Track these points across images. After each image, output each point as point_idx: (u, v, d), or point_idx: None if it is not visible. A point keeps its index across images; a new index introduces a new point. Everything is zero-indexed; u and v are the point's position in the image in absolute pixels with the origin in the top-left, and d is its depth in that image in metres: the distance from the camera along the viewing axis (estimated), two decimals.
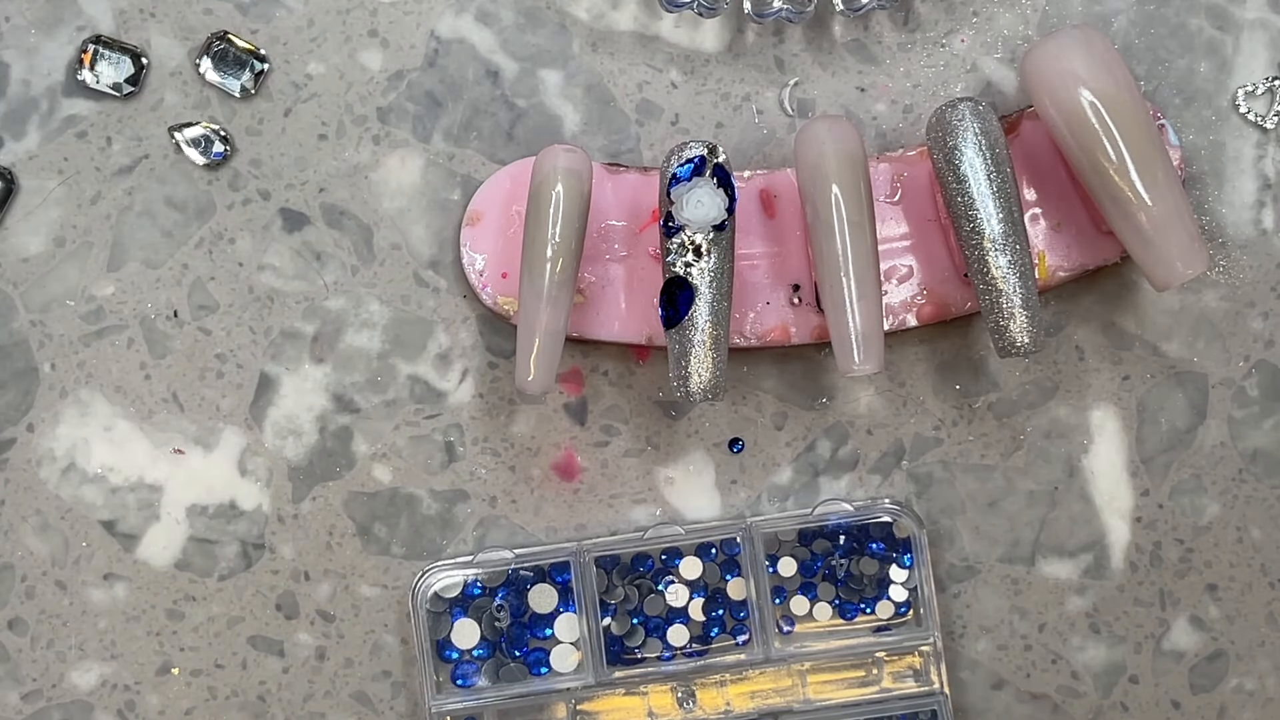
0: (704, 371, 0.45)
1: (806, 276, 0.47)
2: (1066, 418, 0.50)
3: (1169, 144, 0.47)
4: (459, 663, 0.48)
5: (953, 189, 0.44)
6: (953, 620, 0.50)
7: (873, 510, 0.49)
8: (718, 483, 0.50)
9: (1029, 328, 0.44)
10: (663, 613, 0.48)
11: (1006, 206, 0.44)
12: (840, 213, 0.44)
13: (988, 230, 0.44)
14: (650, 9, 0.48)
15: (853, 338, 0.44)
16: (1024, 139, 0.47)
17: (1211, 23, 0.49)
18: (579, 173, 0.43)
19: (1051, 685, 0.50)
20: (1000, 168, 0.44)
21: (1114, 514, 0.50)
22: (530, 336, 0.44)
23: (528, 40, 0.48)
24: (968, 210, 0.44)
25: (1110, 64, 0.44)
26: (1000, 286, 0.44)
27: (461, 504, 0.49)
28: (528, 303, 0.44)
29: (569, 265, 0.43)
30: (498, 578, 0.48)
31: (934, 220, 0.47)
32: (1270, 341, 0.49)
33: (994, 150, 0.44)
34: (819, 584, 0.49)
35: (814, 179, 0.44)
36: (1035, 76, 0.44)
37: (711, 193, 0.44)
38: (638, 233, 0.46)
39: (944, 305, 0.47)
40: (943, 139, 0.44)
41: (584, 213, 0.43)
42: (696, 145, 0.44)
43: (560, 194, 0.43)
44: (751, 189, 0.46)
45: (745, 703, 0.49)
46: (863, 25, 0.49)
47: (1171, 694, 0.50)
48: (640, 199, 0.46)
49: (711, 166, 0.44)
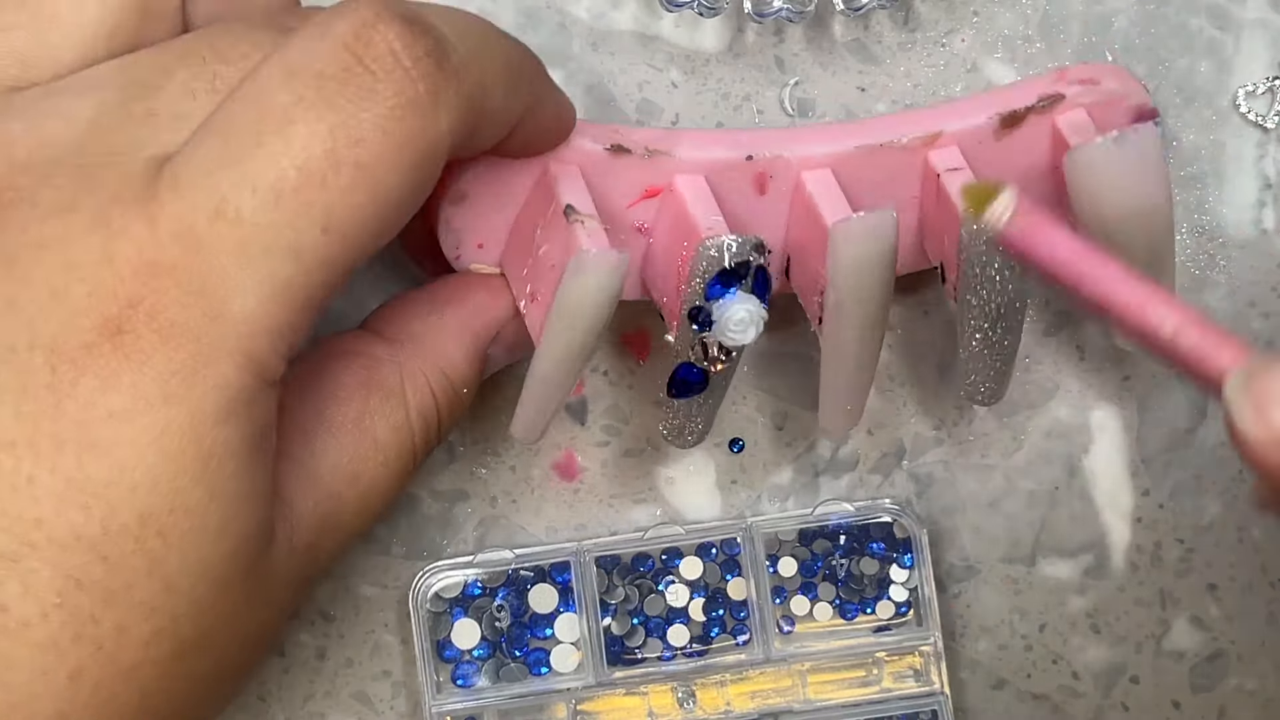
0: (697, 427, 0.46)
1: (779, 245, 0.46)
2: (1066, 418, 0.49)
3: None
4: (459, 663, 0.48)
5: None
6: (953, 620, 0.50)
7: (873, 510, 0.49)
8: (718, 483, 0.50)
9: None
10: (663, 613, 0.48)
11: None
12: (868, 314, 0.44)
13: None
14: (650, 9, 0.48)
15: (841, 409, 0.46)
16: (1023, 133, 0.46)
17: (1212, 22, 0.49)
18: (617, 279, 0.41)
19: (1052, 685, 0.50)
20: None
21: (1114, 514, 0.50)
22: (534, 405, 0.44)
23: (528, 40, 0.48)
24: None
25: (1156, 175, 0.44)
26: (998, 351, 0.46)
27: (461, 504, 0.49)
28: (538, 379, 0.43)
29: (589, 357, 0.43)
30: (498, 578, 0.48)
31: (917, 197, 0.46)
32: (1270, 341, 0.49)
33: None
34: (819, 584, 0.49)
35: (848, 278, 0.43)
36: (1079, 177, 0.44)
37: (754, 311, 0.42)
38: (626, 207, 0.45)
39: (903, 267, 0.47)
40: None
41: (613, 311, 0.42)
42: (738, 251, 0.42)
43: (597, 307, 0.42)
44: (749, 171, 0.46)
45: (745, 703, 0.49)
46: (863, 25, 0.49)
47: (1172, 694, 0.50)
48: (636, 181, 0.45)
49: (754, 271, 0.42)
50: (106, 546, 0.37)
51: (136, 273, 0.37)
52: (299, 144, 0.37)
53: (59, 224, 0.38)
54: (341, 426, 0.42)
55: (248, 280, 0.37)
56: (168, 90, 0.39)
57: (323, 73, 0.38)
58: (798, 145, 0.46)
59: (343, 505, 0.42)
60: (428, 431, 0.44)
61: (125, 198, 0.38)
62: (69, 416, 0.37)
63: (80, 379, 0.37)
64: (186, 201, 0.37)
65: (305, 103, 0.37)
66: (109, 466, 0.37)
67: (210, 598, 0.38)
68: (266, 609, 0.40)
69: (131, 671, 0.38)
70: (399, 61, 0.38)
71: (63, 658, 0.37)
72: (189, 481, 0.37)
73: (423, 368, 0.44)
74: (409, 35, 0.38)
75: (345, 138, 0.37)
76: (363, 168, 0.37)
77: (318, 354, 0.44)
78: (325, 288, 0.38)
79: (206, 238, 0.37)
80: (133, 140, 0.39)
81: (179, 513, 0.37)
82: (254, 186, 0.37)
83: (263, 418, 0.39)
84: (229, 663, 0.40)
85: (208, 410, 0.37)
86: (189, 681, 0.39)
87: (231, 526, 0.38)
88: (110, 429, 0.37)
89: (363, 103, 0.37)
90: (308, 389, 0.43)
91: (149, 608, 0.37)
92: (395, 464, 0.43)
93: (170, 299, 0.37)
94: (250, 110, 0.38)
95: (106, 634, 0.37)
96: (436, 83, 0.38)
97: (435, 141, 0.38)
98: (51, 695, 0.37)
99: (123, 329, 0.37)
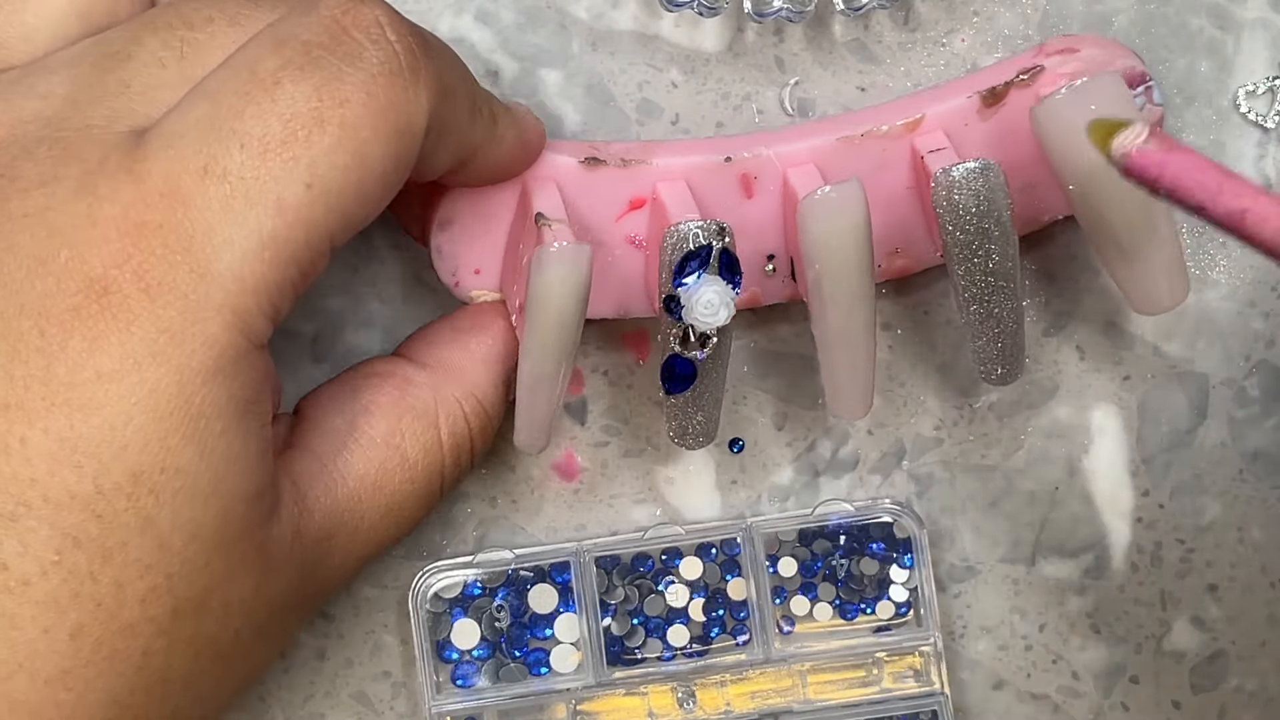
0: (699, 424, 0.46)
1: (781, 248, 0.46)
2: (1067, 418, 0.50)
3: (1152, 103, 0.46)
4: (459, 663, 0.48)
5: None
6: (953, 620, 0.50)
7: (873, 510, 0.49)
8: (718, 483, 0.50)
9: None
10: (663, 613, 0.48)
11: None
12: (849, 288, 0.44)
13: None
14: (650, 9, 0.48)
15: (847, 392, 0.46)
16: (1008, 109, 0.46)
17: (1212, 22, 0.49)
18: (581, 270, 0.42)
19: (1052, 685, 0.50)
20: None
21: (1114, 514, 0.50)
22: (529, 411, 0.44)
23: (528, 40, 0.48)
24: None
25: (1125, 115, 0.44)
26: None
27: (461, 504, 0.49)
28: (527, 384, 0.44)
29: (570, 353, 0.43)
30: (498, 578, 0.48)
31: (913, 188, 0.46)
32: (1271, 341, 0.49)
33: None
34: (819, 584, 0.49)
35: (821, 253, 0.44)
36: (1047, 130, 0.44)
37: (721, 292, 0.43)
38: (614, 221, 0.46)
39: (916, 261, 0.47)
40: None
41: (585, 300, 0.42)
42: (697, 232, 0.43)
43: (562, 299, 0.42)
44: (732, 173, 0.46)
45: (745, 703, 0.49)
46: (863, 25, 0.49)
47: (1172, 694, 0.50)
48: (617, 193, 0.46)
49: (718, 254, 0.43)
50: (100, 505, 0.38)
51: (123, 233, 0.38)
52: (285, 101, 0.38)
53: (41, 195, 0.39)
54: (372, 441, 0.43)
55: (234, 234, 0.38)
56: (138, 59, 0.40)
57: (310, 41, 0.39)
58: (778, 143, 0.46)
59: (361, 509, 0.43)
60: (458, 454, 0.45)
61: (109, 164, 0.38)
62: (59, 378, 0.38)
63: (69, 341, 0.38)
64: (175, 161, 0.38)
65: (293, 65, 0.39)
66: (99, 426, 0.38)
67: (204, 557, 0.39)
68: (268, 582, 0.41)
69: (131, 629, 0.38)
70: (385, 33, 0.39)
71: (63, 615, 0.38)
72: (179, 440, 0.38)
73: (456, 394, 0.45)
74: (393, 15, 0.40)
75: (331, 97, 0.38)
76: (347, 128, 0.39)
77: (352, 374, 0.45)
78: (308, 249, 0.39)
79: (194, 195, 0.38)
80: (109, 112, 0.40)
81: (170, 471, 0.38)
82: (241, 143, 0.38)
83: (252, 382, 0.39)
84: (231, 632, 0.40)
85: (195, 368, 0.38)
86: (190, 646, 0.40)
87: (223, 486, 0.39)
88: (99, 389, 0.38)
89: (349, 66, 0.39)
90: (341, 402, 0.44)
91: (144, 565, 0.38)
92: (423, 482, 0.44)
93: (157, 257, 0.38)
94: (239, 75, 0.39)
95: (105, 591, 0.38)
96: (418, 59, 0.40)
97: (415, 114, 0.40)
98: (54, 652, 0.38)
99: (109, 290, 0.38)
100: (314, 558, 0.42)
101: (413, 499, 0.44)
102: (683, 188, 0.45)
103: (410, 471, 0.44)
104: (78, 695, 0.38)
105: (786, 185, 0.45)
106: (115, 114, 0.40)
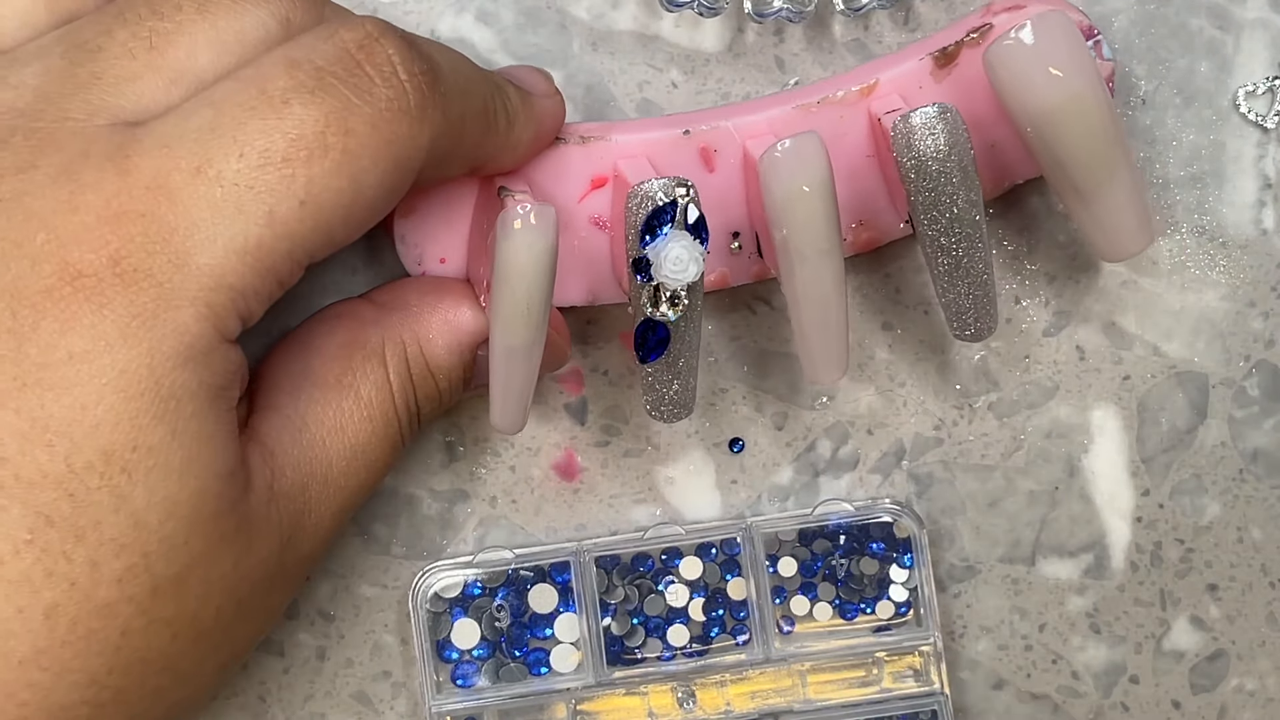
0: (675, 393, 0.46)
1: (745, 224, 0.46)
2: (1066, 418, 0.50)
3: (1102, 59, 0.46)
4: (459, 663, 0.48)
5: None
6: (953, 620, 0.50)
7: (873, 510, 0.49)
8: (718, 483, 0.50)
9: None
10: (663, 613, 0.48)
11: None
12: (815, 244, 0.44)
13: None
14: (650, 9, 0.48)
15: (821, 354, 0.45)
16: (961, 69, 0.46)
17: (1212, 22, 0.49)
18: (548, 233, 0.42)
19: (1052, 685, 0.50)
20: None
21: (1114, 514, 0.50)
22: (503, 387, 0.44)
23: (528, 40, 0.48)
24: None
25: (1075, 56, 0.43)
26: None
27: (461, 504, 0.49)
28: (500, 357, 0.43)
29: (541, 322, 0.43)
30: (498, 578, 0.48)
31: (872, 156, 0.46)
32: (1271, 341, 0.49)
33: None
34: (819, 584, 0.49)
35: (785, 210, 0.43)
36: (1000, 74, 0.44)
37: (689, 247, 0.43)
38: (578, 201, 0.46)
39: (881, 233, 0.47)
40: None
41: (553, 264, 0.42)
42: (661, 189, 0.43)
43: (530, 263, 0.42)
44: (691, 147, 0.46)
45: (745, 703, 0.49)
46: (863, 25, 0.49)
47: (1172, 694, 0.50)
48: (579, 171, 0.46)
49: (684, 210, 0.43)
50: (72, 484, 0.38)
51: (103, 220, 0.38)
52: (293, 121, 0.39)
53: (18, 181, 0.39)
54: (325, 381, 0.44)
55: (219, 234, 0.39)
56: (108, 51, 0.41)
57: (324, 68, 0.40)
58: (735, 115, 0.46)
59: (329, 456, 0.43)
60: (406, 398, 0.44)
61: (94, 154, 0.39)
62: (30, 359, 0.38)
63: (40, 322, 0.38)
64: (167, 159, 0.39)
65: (304, 89, 0.39)
66: (70, 405, 0.38)
67: (181, 535, 0.39)
68: (249, 554, 0.41)
69: (107, 609, 0.39)
70: (396, 72, 0.40)
71: (37, 594, 0.38)
72: (150, 420, 0.38)
73: (403, 335, 0.45)
74: (408, 52, 0.40)
75: (338, 125, 0.39)
76: (349, 154, 0.39)
77: (311, 318, 0.45)
78: (288, 260, 0.40)
79: (182, 191, 0.38)
80: (85, 104, 0.40)
81: (142, 450, 0.38)
82: (241, 152, 0.39)
83: (223, 372, 0.40)
84: (212, 610, 0.40)
85: (166, 352, 0.38)
86: (170, 625, 0.40)
87: (196, 465, 0.39)
88: (70, 369, 0.38)
89: (358, 98, 0.39)
90: (296, 348, 0.44)
91: (119, 544, 0.38)
92: (380, 423, 0.44)
93: (136, 245, 0.38)
94: (247, 91, 0.39)
95: (79, 570, 0.38)
96: (426, 99, 0.40)
97: (415, 151, 0.40)
98: (28, 632, 0.38)
99: (84, 273, 0.38)
100: (291, 518, 0.42)
101: (374, 440, 0.44)
102: (644, 164, 0.45)
103: (367, 410, 0.44)
104: (54, 675, 0.38)
105: (746, 156, 0.45)
106: (92, 107, 0.40)
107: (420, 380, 0.45)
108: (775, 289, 0.48)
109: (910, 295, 0.49)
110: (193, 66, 0.40)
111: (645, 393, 0.46)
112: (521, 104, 0.44)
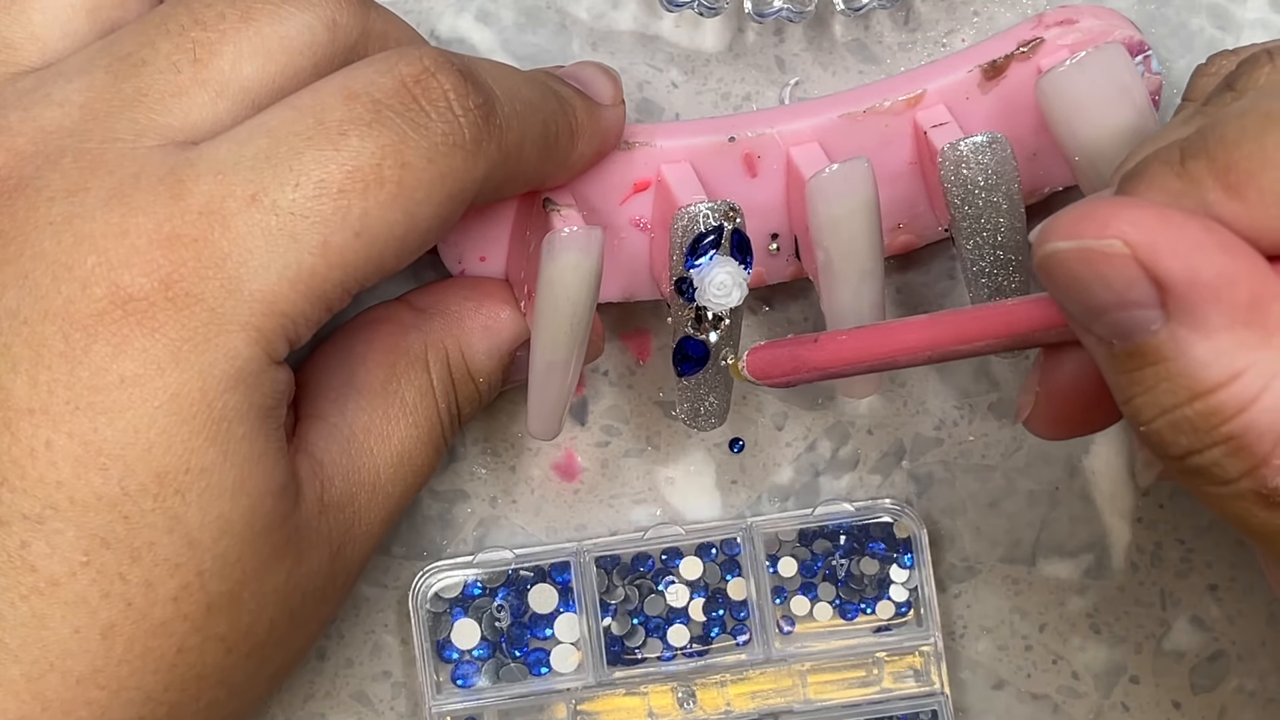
0: (711, 406, 0.46)
1: (785, 227, 0.46)
2: None
3: (1150, 72, 0.47)
4: (459, 663, 0.48)
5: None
6: (953, 620, 0.50)
7: (873, 510, 0.49)
8: (718, 483, 0.50)
9: None
10: (663, 613, 0.48)
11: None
12: (858, 266, 0.44)
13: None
14: (650, 9, 0.48)
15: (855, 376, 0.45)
16: (1009, 81, 0.46)
17: (1212, 22, 0.49)
18: (593, 256, 0.42)
19: (1052, 685, 0.50)
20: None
21: (1114, 514, 0.50)
22: (541, 397, 0.45)
23: (528, 40, 0.48)
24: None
25: (1128, 90, 0.44)
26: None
27: (461, 504, 0.49)
28: (540, 370, 0.44)
29: (583, 338, 0.43)
30: (498, 578, 0.48)
31: (915, 163, 0.46)
32: None
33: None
34: (819, 584, 0.49)
35: (830, 232, 0.44)
36: (1052, 103, 0.44)
37: (734, 273, 0.43)
38: (619, 204, 0.46)
39: (920, 236, 0.47)
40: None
41: (597, 285, 0.43)
42: (708, 213, 0.43)
43: (575, 284, 0.43)
44: (735, 153, 0.46)
45: (746, 703, 0.49)
46: (863, 25, 0.49)
47: (1172, 694, 0.50)
48: (621, 176, 0.46)
49: (730, 235, 0.43)
50: (127, 506, 0.38)
51: (154, 244, 0.38)
52: (350, 152, 0.39)
53: (69, 204, 0.39)
54: (370, 388, 0.44)
55: (272, 262, 0.39)
56: (153, 65, 0.40)
57: (381, 101, 0.40)
58: (780, 122, 0.46)
59: (377, 464, 0.43)
60: (449, 402, 0.45)
61: (145, 177, 0.39)
62: (83, 382, 0.38)
63: (92, 346, 0.38)
64: (222, 185, 0.39)
65: (361, 122, 0.39)
66: (123, 429, 0.38)
67: (235, 552, 0.39)
68: (300, 567, 0.41)
69: (163, 627, 0.39)
70: (452, 108, 0.40)
71: (94, 615, 0.38)
72: (203, 442, 0.39)
73: (444, 340, 0.45)
74: (464, 87, 0.40)
75: (394, 158, 0.39)
76: (404, 188, 0.39)
77: (351, 323, 0.45)
78: (340, 289, 0.40)
79: (235, 218, 0.39)
80: (132, 123, 0.40)
81: (194, 472, 0.39)
82: (297, 181, 0.39)
83: (272, 394, 0.40)
84: (265, 623, 0.41)
85: (217, 375, 0.39)
86: (224, 641, 0.40)
87: (248, 484, 0.39)
88: (123, 393, 0.38)
89: (414, 132, 0.40)
90: (340, 354, 0.44)
91: (173, 564, 0.39)
92: (425, 428, 0.44)
93: (188, 270, 0.38)
94: (305, 119, 0.39)
95: (135, 590, 0.39)
96: (481, 133, 0.40)
97: (470, 183, 0.41)
98: (85, 651, 0.39)
99: (135, 296, 0.38)
100: (341, 528, 0.42)
101: (419, 446, 0.44)
102: (687, 169, 0.45)
103: (412, 416, 0.44)
104: (111, 693, 0.39)
105: (790, 164, 0.46)
106: (139, 126, 0.40)
107: (461, 384, 0.45)
108: (777, 291, 0.48)
109: (910, 295, 0.49)
110: (237, 76, 0.40)
111: (680, 403, 0.46)
112: (588, 118, 0.44)
